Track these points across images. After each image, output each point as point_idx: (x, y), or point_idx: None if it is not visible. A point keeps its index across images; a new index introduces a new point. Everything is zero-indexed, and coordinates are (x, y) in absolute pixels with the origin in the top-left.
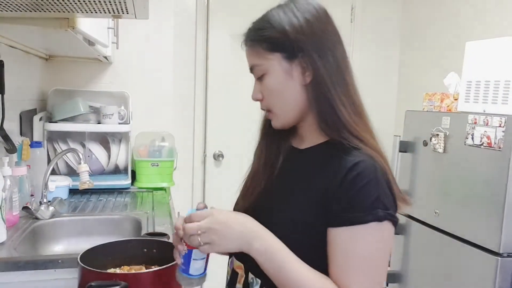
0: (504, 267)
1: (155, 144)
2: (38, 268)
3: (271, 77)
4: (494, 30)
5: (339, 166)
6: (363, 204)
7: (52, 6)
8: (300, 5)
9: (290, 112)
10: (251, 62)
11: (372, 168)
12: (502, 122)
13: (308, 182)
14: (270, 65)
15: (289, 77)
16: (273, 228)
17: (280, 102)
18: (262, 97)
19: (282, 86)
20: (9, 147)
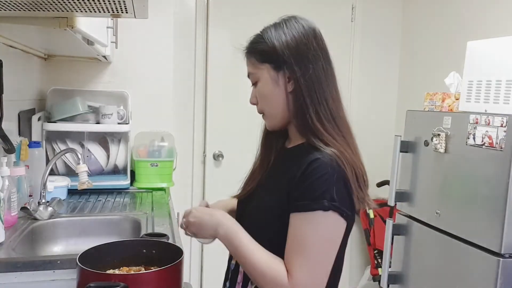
0: (505, 268)
1: (155, 144)
2: (36, 269)
3: (262, 84)
4: (495, 30)
5: (302, 162)
6: (312, 194)
7: (51, 5)
8: (290, 24)
9: (278, 115)
10: (248, 70)
11: (326, 165)
12: (504, 122)
13: (282, 174)
14: (261, 74)
15: (276, 85)
16: (252, 214)
17: (269, 106)
18: (256, 101)
19: (271, 92)
20: (7, 147)
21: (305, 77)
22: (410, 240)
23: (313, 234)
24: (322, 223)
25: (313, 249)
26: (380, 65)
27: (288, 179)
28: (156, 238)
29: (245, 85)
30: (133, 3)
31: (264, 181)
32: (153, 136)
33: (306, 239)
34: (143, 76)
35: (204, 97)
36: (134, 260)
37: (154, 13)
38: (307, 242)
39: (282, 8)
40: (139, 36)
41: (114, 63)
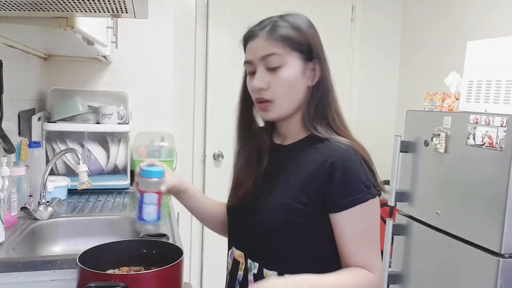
0: (505, 268)
1: (155, 144)
2: (36, 269)
3: (287, 70)
4: (495, 30)
5: (325, 155)
6: (359, 185)
7: (51, 5)
8: (306, 18)
9: (291, 105)
10: (270, 50)
11: (355, 153)
12: (504, 122)
13: (293, 170)
14: (291, 60)
15: (302, 75)
16: (258, 215)
17: (287, 95)
18: (267, 87)
19: (294, 81)
20: (7, 147)
21: (328, 73)
22: (410, 240)
23: (372, 222)
24: (374, 209)
25: (375, 235)
26: (380, 65)
27: (307, 177)
28: (156, 238)
29: None
30: (133, 3)
31: (264, 185)
32: (153, 136)
33: (368, 229)
34: (143, 76)
35: (204, 97)
36: (134, 260)
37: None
38: (370, 232)
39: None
40: (139, 36)
41: (114, 63)
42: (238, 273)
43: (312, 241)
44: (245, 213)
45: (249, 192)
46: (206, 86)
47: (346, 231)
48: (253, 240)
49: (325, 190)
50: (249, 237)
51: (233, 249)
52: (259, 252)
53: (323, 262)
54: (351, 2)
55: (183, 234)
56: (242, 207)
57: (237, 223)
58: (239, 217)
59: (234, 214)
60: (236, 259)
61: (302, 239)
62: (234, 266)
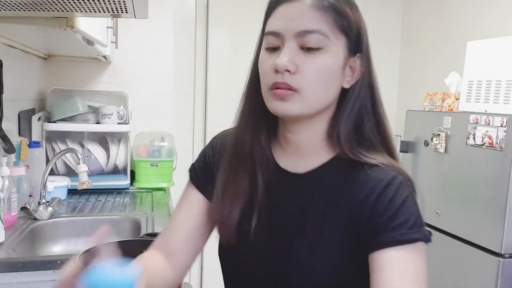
0: (506, 268)
1: (155, 144)
2: (36, 269)
3: (328, 56)
4: (495, 29)
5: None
6: (407, 221)
7: (51, 5)
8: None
9: (319, 103)
10: (316, 26)
11: (405, 182)
12: (504, 122)
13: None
14: (336, 45)
15: (343, 69)
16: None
17: (318, 87)
18: (295, 70)
19: (333, 74)
20: (7, 147)
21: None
22: None
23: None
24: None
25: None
26: (380, 65)
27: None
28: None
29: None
30: (133, 3)
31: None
32: (153, 136)
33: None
34: (143, 76)
35: (204, 97)
36: None
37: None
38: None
39: None
40: (139, 36)
41: (114, 63)
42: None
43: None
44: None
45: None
46: (206, 86)
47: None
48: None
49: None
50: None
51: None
52: None
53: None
54: None
55: None
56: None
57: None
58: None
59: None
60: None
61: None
62: None
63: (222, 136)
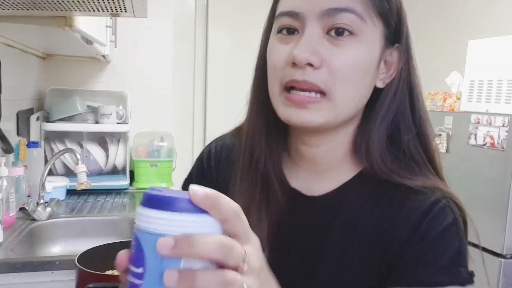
0: (507, 268)
1: (154, 144)
2: (35, 269)
3: (363, 46)
4: (497, 29)
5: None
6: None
7: (49, 4)
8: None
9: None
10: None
11: (449, 210)
12: (506, 122)
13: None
14: (371, 31)
15: (378, 63)
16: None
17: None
18: (320, 64)
19: (367, 68)
20: (6, 147)
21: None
22: None
23: None
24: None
25: None
26: None
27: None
28: None
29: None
30: (132, 2)
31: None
32: (152, 136)
33: None
34: (142, 76)
35: (204, 97)
36: None
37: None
38: None
39: None
40: (139, 35)
41: (113, 63)
42: None
43: None
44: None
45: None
46: (206, 85)
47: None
48: None
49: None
50: None
51: None
52: None
53: None
54: None
55: None
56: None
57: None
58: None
59: None
60: None
61: None
62: None
63: (219, 142)
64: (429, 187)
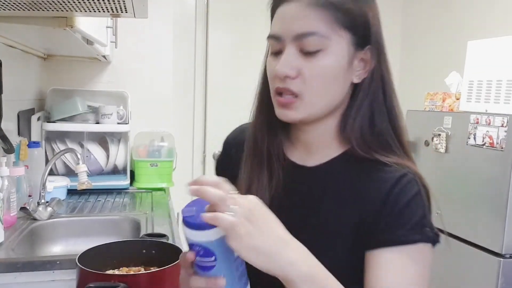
0: (506, 268)
1: (154, 144)
2: (36, 269)
3: (330, 57)
4: (496, 29)
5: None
6: (409, 220)
7: (50, 5)
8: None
9: (324, 106)
10: (309, 28)
11: (415, 182)
12: (505, 122)
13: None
14: (336, 43)
15: (349, 66)
16: None
17: (322, 90)
18: (296, 75)
19: (337, 74)
20: (7, 147)
21: (386, 67)
22: None
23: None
24: (425, 257)
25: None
26: None
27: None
28: (156, 238)
29: (246, 85)
30: (133, 3)
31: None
32: (153, 136)
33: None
34: (142, 76)
35: (204, 97)
36: (134, 260)
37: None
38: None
39: None
40: (139, 36)
41: (113, 63)
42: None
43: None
44: None
45: None
46: (206, 86)
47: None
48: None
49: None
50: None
51: None
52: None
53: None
54: None
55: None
56: None
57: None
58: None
59: None
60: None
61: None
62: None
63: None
64: (399, 163)
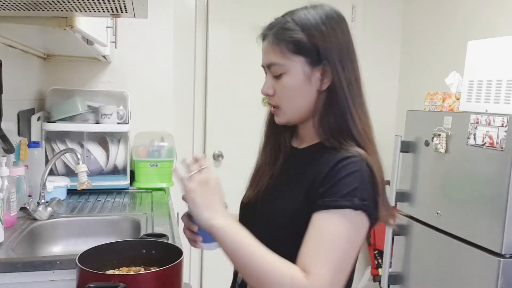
0: (506, 268)
1: (154, 144)
2: (36, 269)
3: (290, 78)
4: (496, 29)
5: (329, 160)
6: (341, 191)
7: (50, 5)
8: (326, 12)
9: (298, 112)
10: (271, 60)
11: (358, 163)
12: (505, 122)
13: (300, 176)
14: (292, 67)
15: (308, 81)
16: (267, 217)
17: (291, 102)
18: (273, 93)
19: (299, 88)
20: (7, 147)
21: (346, 75)
22: (410, 240)
23: (340, 233)
24: (350, 222)
25: (338, 249)
26: (380, 64)
27: (309, 181)
28: (156, 238)
29: (246, 85)
30: (133, 3)
31: (274, 184)
32: (153, 136)
33: (331, 238)
34: (142, 76)
35: (204, 97)
36: (134, 260)
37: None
38: (332, 241)
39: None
40: (139, 35)
41: (113, 63)
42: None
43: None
44: (252, 212)
45: (264, 190)
46: (206, 86)
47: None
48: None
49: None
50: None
51: None
52: None
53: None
54: (351, 2)
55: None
56: (251, 205)
57: (244, 220)
58: (249, 215)
59: (245, 210)
60: None
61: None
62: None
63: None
64: (352, 150)
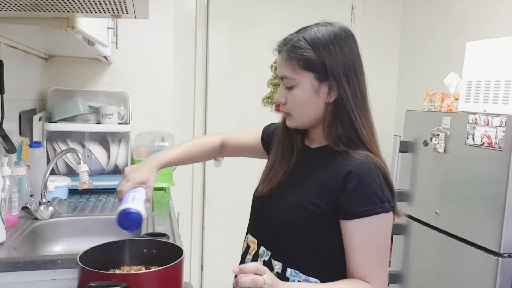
0: (504, 267)
1: (155, 144)
2: (37, 268)
3: (300, 90)
4: (494, 30)
5: (344, 166)
6: (371, 198)
7: (51, 6)
8: (335, 31)
9: (306, 120)
10: (284, 73)
11: (371, 164)
12: (503, 122)
13: (313, 173)
14: (302, 81)
15: (316, 94)
16: (274, 209)
17: (301, 111)
18: (285, 102)
19: (307, 100)
20: (8, 147)
21: (351, 90)
22: (409, 240)
23: (381, 237)
24: (385, 224)
25: (383, 250)
26: (379, 65)
27: (326, 179)
28: (157, 237)
29: (246, 85)
30: (134, 4)
31: (287, 181)
32: (153, 136)
33: (376, 244)
34: (143, 76)
35: (204, 97)
36: (135, 259)
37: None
38: (378, 247)
39: (282, 8)
40: (140, 36)
41: (114, 64)
42: (247, 257)
43: (318, 243)
44: (266, 205)
45: (279, 185)
46: (206, 86)
47: (355, 240)
48: (267, 230)
49: (338, 197)
50: (264, 227)
51: (249, 235)
52: (270, 243)
53: (327, 266)
54: (351, 2)
55: (183, 234)
56: (265, 199)
57: (257, 213)
58: (261, 208)
59: (257, 204)
60: (249, 244)
61: (309, 239)
62: (246, 250)
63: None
64: (362, 154)
